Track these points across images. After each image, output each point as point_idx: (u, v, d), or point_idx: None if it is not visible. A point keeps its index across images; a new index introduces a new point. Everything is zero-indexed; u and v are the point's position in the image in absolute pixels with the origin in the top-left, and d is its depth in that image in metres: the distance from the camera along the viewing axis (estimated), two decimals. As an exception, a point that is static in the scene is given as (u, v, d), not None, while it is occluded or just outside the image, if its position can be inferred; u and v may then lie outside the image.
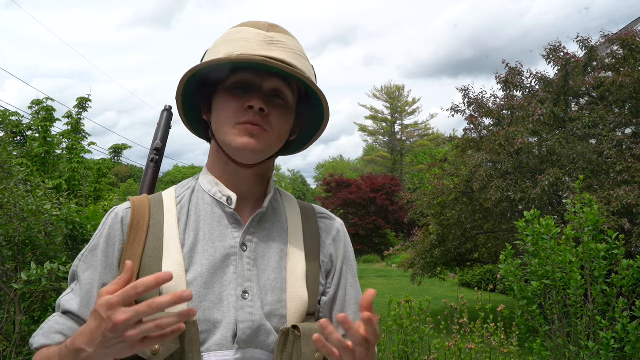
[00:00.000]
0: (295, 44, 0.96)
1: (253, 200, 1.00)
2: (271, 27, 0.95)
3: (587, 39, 8.54)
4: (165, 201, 0.98)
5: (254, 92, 0.92)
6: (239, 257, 0.93)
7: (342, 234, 1.06)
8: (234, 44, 0.91)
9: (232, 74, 0.93)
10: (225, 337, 0.87)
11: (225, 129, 0.92)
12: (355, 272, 1.05)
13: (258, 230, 0.97)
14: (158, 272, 0.82)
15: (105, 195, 12.67)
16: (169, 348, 0.83)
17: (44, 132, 12.03)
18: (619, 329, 2.52)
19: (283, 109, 0.94)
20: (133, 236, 0.92)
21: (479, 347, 3.88)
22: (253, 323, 0.89)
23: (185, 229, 0.94)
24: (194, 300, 0.87)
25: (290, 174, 55.78)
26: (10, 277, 2.43)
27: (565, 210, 7.14)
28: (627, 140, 7.55)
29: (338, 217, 1.09)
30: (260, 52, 0.89)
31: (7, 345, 2.36)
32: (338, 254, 1.03)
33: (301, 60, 0.94)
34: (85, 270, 0.92)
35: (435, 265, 9.69)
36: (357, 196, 24.32)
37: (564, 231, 2.77)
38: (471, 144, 9.17)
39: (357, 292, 1.03)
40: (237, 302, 0.89)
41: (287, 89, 0.94)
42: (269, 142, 0.93)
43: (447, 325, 4.62)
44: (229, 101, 0.92)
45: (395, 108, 42.16)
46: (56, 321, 0.90)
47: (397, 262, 16.84)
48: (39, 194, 2.77)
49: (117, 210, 0.97)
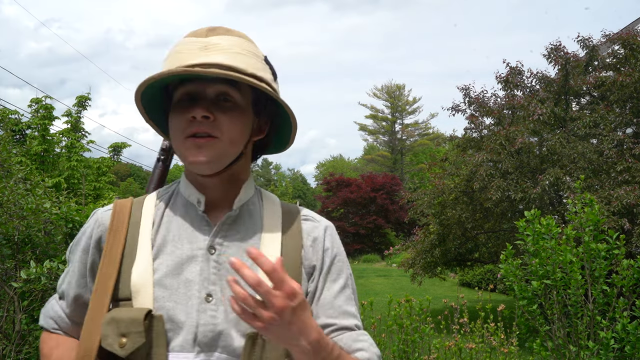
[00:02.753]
0: (235, 42, 0.93)
1: (226, 205, 0.98)
2: (210, 32, 0.94)
3: (588, 39, 8.53)
4: (145, 203, 1.00)
5: (199, 102, 0.91)
6: (204, 259, 0.92)
7: (324, 236, 1.01)
8: (170, 59, 0.91)
9: (177, 88, 0.93)
10: (186, 339, 0.88)
11: (178, 146, 0.93)
12: (338, 277, 0.99)
13: (229, 234, 0.95)
14: (130, 271, 0.91)
15: (104, 194, 12.67)
16: (135, 341, 0.85)
17: (43, 130, 12.02)
18: (619, 329, 2.52)
19: (232, 111, 0.92)
20: (112, 240, 0.94)
21: (479, 347, 3.88)
22: (214, 326, 0.88)
23: (157, 230, 0.96)
24: (159, 300, 0.89)
25: (290, 173, 55.80)
26: (10, 276, 2.42)
27: (565, 210, 7.14)
28: (628, 140, 7.54)
29: (328, 220, 1.05)
30: (193, 61, 0.88)
31: (7, 344, 2.36)
32: (318, 257, 0.98)
33: (242, 57, 0.91)
34: (72, 260, 1.01)
35: (435, 265, 9.69)
36: (357, 195, 24.34)
37: (564, 231, 2.77)
38: (472, 144, 9.16)
39: (334, 297, 0.96)
40: (200, 305, 0.89)
41: (234, 91, 0.92)
42: (219, 150, 0.91)
43: (447, 325, 4.62)
44: (178, 115, 0.92)
45: (395, 107, 42.17)
46: (52, 306, 1.02)
47: (397, 261, 16.86)
48: (38, 193, 2.77)
49: (98, 211, 1.01)
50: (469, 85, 9.24)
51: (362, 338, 0.95)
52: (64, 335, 1.01)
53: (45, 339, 1.00)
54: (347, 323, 0.95)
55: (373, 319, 4.16)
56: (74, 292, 0.98)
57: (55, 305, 1.02)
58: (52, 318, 1.01)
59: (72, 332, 1.00)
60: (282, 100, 0.93)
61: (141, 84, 0.91)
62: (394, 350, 3.77)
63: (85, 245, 0.98)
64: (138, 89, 0.92)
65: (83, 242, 0.99)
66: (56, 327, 1.00)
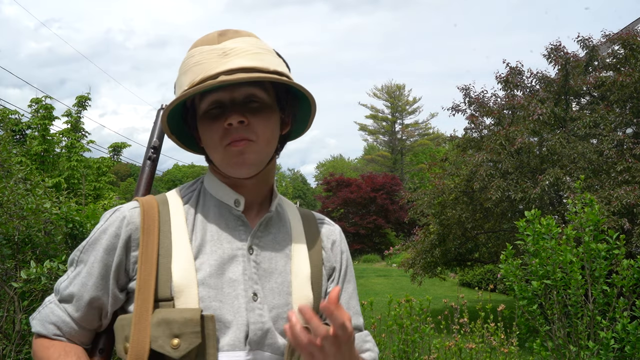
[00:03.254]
0: (250, 41, 0.94)
1: (257, 205, 1.01)
2: (221, 36, 0.94)
3: (588, 39, 8.53)
4: (170, 201, 0.98)
5: (230, 108, 0.91)
6: (246, 259, 0.93)
7: (341, 241, 1.08)
8: (192, 72, 0.91)
9: (202, 99, 0.93)
10: (237, 337, 0.88)
11: (217, 154, 0.93)
12: (351, 278, 1.07)
13: (265, 234, 0.98)
14: (169, 271, 0.88)
15: (104, 194, 12.66)
16: (190, 342, 0.84)
17: (43, 130, 12.02)
18: (619, 329, 2.52)
19: (262, 111, 0.93)
20: (145, 239, 0.91)
21: (479, 347, 3.88)
22: (263, 325, 0.90)
23: (193, 229, 0.94)
24: (204, 300, 0.88)
25: (290, 173, 55.79)
26: (10, 276, 2.42)
27: (565, 210, 7.14)
28: (628, 140, 7.54)
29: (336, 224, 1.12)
30: (217, 70, 0.88)
31: (7, 344, 2.35)
32: (337, 259, 1.05)
33: (260, 56, 0.92)
34: (86, 261, 0.93)
35: (435, 265, 9.69)
36: (357, 195, 24.32)
37: (564, 231, 2.77)
38: (472, 144, 9.16)
39: (350, 297, 1.05)
40: (248, 304, 0.90)
41: (259, 90, 0.93)
42: (258, 151, 0.93)
43: (447, 325, 4.62)
44: (210, 125, 0.92)
45: (395, 107, 42.16)
46: (52, 310, 0.94)
47: (397, 261, 16.85)
48: (38, 193, 2.76)
49: (122, 209, 0.96)
50: (469, 85, 9.25)
51: (368, 338, 1.04)
52: (68, 342, 0.93)
53: (47, 347, 0.92)
54: (359, 323, 1.04)
55: (373, 319, 4.16)
56: (90, 295, 0.92)
57: (56, 309, 0.93)
58: (53, 323, 0.92)
59: (76, 338, 0.94)
60: (306, 89, 0.94)
61: (173, 102, 0.91)
62: (394, 350, 3.77)
63: (110, 244, 0.92)
64: (167, 108, 0.92)
65: (105, 242, 0.92)
66: (58, 333, 0.92)
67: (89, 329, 0.95)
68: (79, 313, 0.93)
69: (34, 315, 0.96)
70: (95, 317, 0.93)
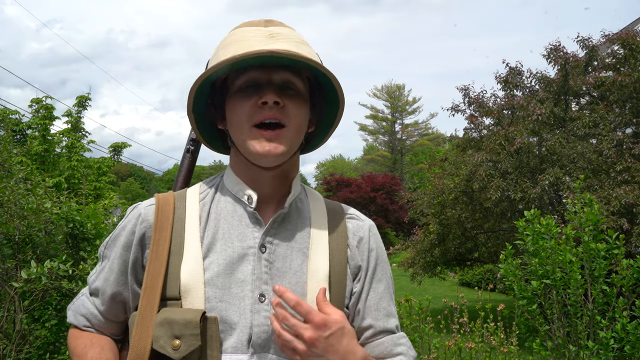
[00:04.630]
0: (294, 32, 0.94)
1: (276, 201, 0.97)
2: (268, 22, 0.94)
3: (588, 39, 8.54)
4: (188, 198, 0.97)
5: (265, 88, 0.89)
6: (257, 258, 0.91)
7: (369, 237, 1.00)
8: (233, 46, 0.89)
9: (238, 76, 0.91)
10: (240, 340, 0.86)
11: (242, 134, 0.90)
12: (382, 277, 1.00)
13: (279, 232, 0.94)
14: (178, 269, 0.88)
15: (105, 194, 12.65)
16: (190, 344, 0.82)
17: (43, 131, 12.01)
18: (618, 328, 2.52)
19: (297, 98, 0.92)
20: (157, 236, 0.91)
21: (479, 347, 3.88)
22: (268, 327, 0.87)
23: (205, 227, 0.93)
24: (211, 300, 0.87)
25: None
26: (11, 276, 2.42)
27: (565, 209, 7.14)
28: (627, 140, 7.55)
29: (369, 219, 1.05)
30: (263, 47, 0.86)
31: (7, 343, 2.36)
32: (363, 257, 0.98)
33: (305, 48, 0.92)
34: (109, 256, 0.96)
35: (435, 265, 9.70)
36: (357, 195, 24.31)
37: (564, 231, 2.77)
38: (471, 144, 9.17)
39: (380, 298, 0.98)
40: (254, 305, 0.88)
41: (297, 79, 0.92)
42: (288, 140, 0.90)
43: (447, 325, 4.63)
44: (242, 101, 0.90)
45: (395, 107, 42.16)
46: (82, 303, 0.98)
47: (397, 261, 16.82)
48: (39, 193, 2.77)
49: (140, 206, 0.97)
50: (469, 86, 9.26)
51: (402, 341, 0.97)
52: (97, 332, 0.97)
53: (77, 337, 0.96)
54: (390, 325, 0.97)
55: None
56: (112, 290, 0.94)
57: (86, 301, 0.97)
58: (83, 315, 0.96)
59: (105, 329, 0.97)
60: (341, 89, 0.93)
61: (215, 66, 0.86)
62: (394, 350, 3.77)
63: (127, 241, 0.94)
64: (204, 74, 0.88)
65: (123, 239, 0.94)
66: (88, 324, 0.96)
67: (116, 321, 0.96)
68: (104, 306, 0.95)
69: (69, 306, 1.00)
70: (120, 310, 0.95)
